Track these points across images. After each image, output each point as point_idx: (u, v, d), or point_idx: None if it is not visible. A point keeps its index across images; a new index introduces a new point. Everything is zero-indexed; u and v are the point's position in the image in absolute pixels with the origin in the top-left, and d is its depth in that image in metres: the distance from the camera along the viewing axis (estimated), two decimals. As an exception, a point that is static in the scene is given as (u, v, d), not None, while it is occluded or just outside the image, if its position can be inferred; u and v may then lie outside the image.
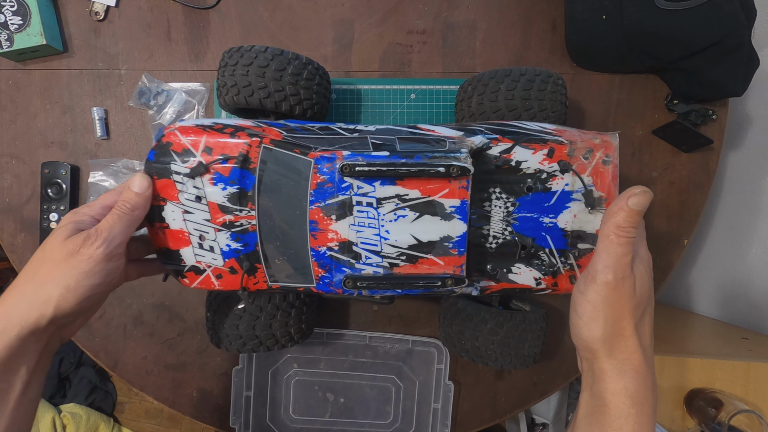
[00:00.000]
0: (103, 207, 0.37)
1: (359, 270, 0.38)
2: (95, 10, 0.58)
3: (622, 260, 0.33)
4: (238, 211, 0.39)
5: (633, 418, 0.32)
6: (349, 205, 0.37)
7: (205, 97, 0.58)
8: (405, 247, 0.38)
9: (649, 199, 0.33)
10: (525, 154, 0.39)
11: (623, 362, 0.34)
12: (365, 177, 0.36)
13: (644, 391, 0.33)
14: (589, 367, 0.35)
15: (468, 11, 0.58)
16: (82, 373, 1.23)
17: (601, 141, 0.39)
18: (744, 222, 0.77)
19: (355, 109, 0.58)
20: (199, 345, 0.60)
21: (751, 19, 0.50)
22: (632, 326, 0.34)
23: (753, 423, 0.58)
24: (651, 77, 0.58)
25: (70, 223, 0.35)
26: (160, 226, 0.39)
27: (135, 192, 0.36)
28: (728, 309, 0.81)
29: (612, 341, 0.34)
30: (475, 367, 0.60)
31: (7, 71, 0.58)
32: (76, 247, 0.34)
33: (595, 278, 0.34)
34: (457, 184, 0.37)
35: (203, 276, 0.40)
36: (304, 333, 0.49)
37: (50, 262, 0.34)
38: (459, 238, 0.38)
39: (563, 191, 0.39)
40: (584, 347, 0.35)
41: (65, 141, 0.59)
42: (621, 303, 0.33)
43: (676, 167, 0.59)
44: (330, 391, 0.60)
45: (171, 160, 0.38)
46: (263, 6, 0.58)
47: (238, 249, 0.39)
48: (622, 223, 0.33)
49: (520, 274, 0.41)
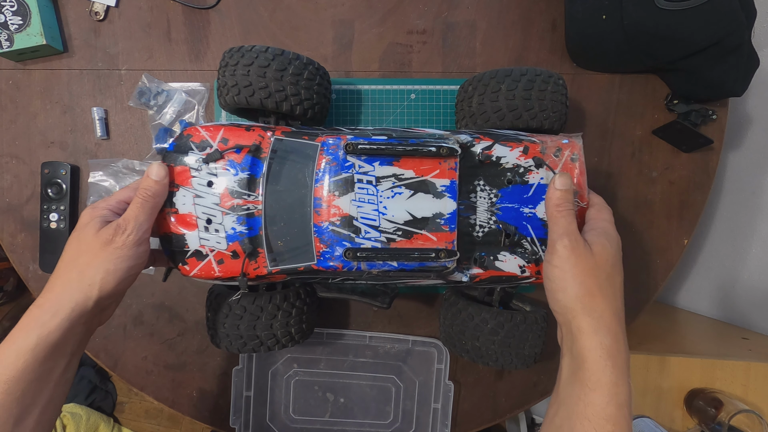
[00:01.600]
0: (119, 201, 0.40)
1: (359, 244, 0.40)
2: (95, 10, 0.58)
3: (569, 228, 0.39)
4: (246, 195, 0.41)
5: (609, 369, 0.35)
6: (351, 182, 0.40)
7: (205, 97, 0.58)
8: (401, 222, 0.41)
9: (569, 178, 0.41)
10: (504, 150, 0.44)
11: (597, 319, 0.37)
12: (367, 155, 0.40)
13: (616, 344, 0.36)
14: (567, 331, 0.38)
15: (468, 11, 0.58)
16: (82, 373, 1.22)
17: (568, 141, 0.45)
18: (744, 222, 0.77)
19: (355, 109, 0.58)
20: (199, 345, 0.60)
21: (751, 19, 0.50)
22: (597, 285, 0.38)
23: (753, 423, 0.58)
24: (651, 77, 0.58)
25: (96, 217, 0.39)
26: (170, 211, 0.41)
27: (154, 180, 0.39)
28: (728, 309, 0.81)
29: (584, 299, 0.37)
30: (475, 367, 0.60)
31: (7, 71, 0.58)
32: (109, 236, 0.37)
33: (554, 246, 0.39)
34: (446, 165, 0.41)
35: (204, 261, 0.42)
36: (304, 333, 0.49)
37: (88, 252, 0.37)
38: (450, 215, 0.42)
39: (539, 184, 0.44)
40: (562, 309, 0.38)
41: (65, 141, 0.59)
42: (582, 263, 0.38)
43: (676, 167, 0.59)
44: (330, 391, 0.60)
45: (189, 149, 0.41)
46: (263, 6, 0.58)
47: (242, 232, 0.41)
48: (556, 201, 0.40)
49: (505, 262, 0.44)
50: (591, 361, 0.36)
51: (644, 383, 0.64)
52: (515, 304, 0.51)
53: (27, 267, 0.59)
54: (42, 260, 0.58)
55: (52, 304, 0.36)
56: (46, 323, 0.35)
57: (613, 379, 0.35)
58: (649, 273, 0.59)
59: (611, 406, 0.34)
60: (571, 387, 0.37)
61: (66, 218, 0.57)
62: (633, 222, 0.59)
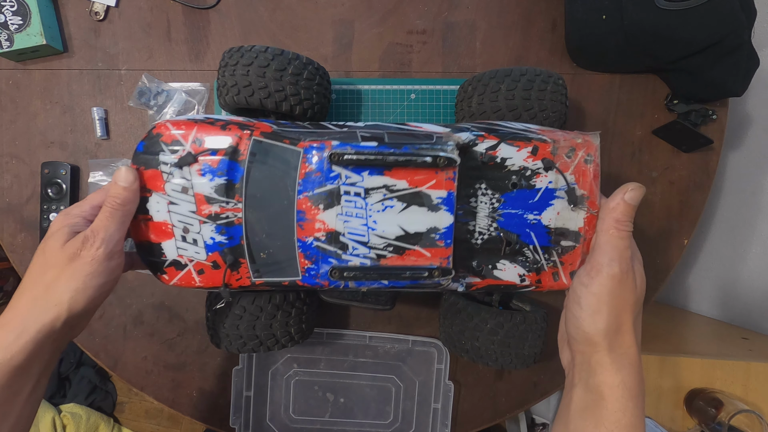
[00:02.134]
0: (92, 207, 0.37)
1: (346, 261, 0.38)
2: (95, 10, 0.58)
3: (624, 254, 0.35)
4: (224, 203, 0.38)
5: (630, 411, 0.33)
6: (336, 194, 0.37)
7: (205, 97, 0.58)
8: (392, 238, 0.38)
9: (642, 194, 0.35)
10: (510, 151, 0.39)
11: (621, 356, 0.34)
12: (354, 166, 0.36)
13: (639, 386, 0.34)
14: (584, 361, 0.36)
15: (468, 11, 0.58)
16: (82, 373, 1.23)
17: (583, 140, 0.40)
18: (744, 222, 0.77)
19: (355, 109, 0.58)
20: (199, 345, 0.60)
21: (751, 19, 0.50)
22: (631, 321, 0.35)
23: (753, 423, 0.58)
24: (651, 77, 0.58)
25: (64, 226, 0.35)
26: (143, 218, 0.38)
27: (122, 186, 0.36)
28: (728, 309, 0.81)
29: (612, 335, 0.34)
30: (475, 367, 0.60)
31: (7, 71, 0.58)
32: (76, 250, 0.34)
33: (600, 271, 0.34)
34: (443, 175, 0.37)
35: (184, 272, 0.39)
36: (304, 333, 0.49)
37: (54, 267, 0.34)
38: (446, 229, 0.38)
39: (547, 188, 0.40)
40: (584, 340, 0.35)
41: (65, 141, 0.59)
42: (624, 297, 0.34)
43: (676, 167, 0.59)
44: (330, 391, 0.60)
45: (160, 150, 0.37)
46: (263, 6, 0.58)
47: (222, 242, 0.39)
48: (620, 217, 0.35)
49: (504, 271, 0.42)
50: (612, 399, 0.34)
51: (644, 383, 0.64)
52: (515, 304, 0.51)
53: (27, 267, 0.59)
54: (42, 260, 0.58)
55: (16, 325, 0.33)
56: (9, 346, 0.32)
57: (633, 421, 0.33)
58: (649, 273, 0.59)
59: None
60: (584, 422, 0.34)
61: (66, 218, 0.57)
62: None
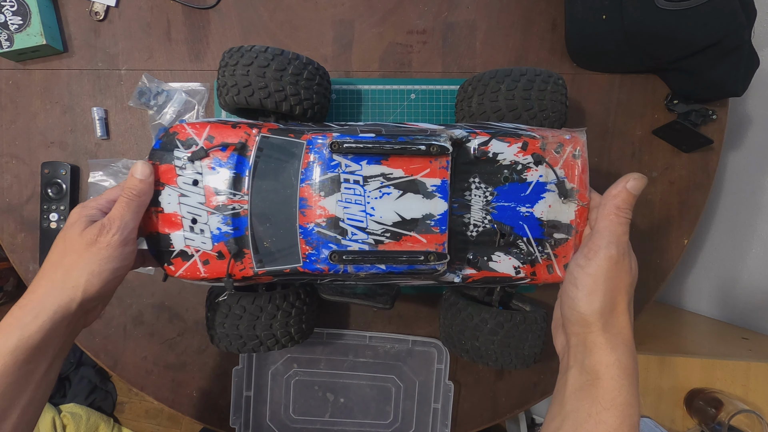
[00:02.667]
0: (108, 201, 0.40)
1: (345, 246, 0.39)
2: (95, 10, 0.58)
3: (622, 238, 0.36)
4: (231, 195, 0.41)
5: (626, 389, 0.34)
6: (337, 181, 0.39)
7: (205, 97, 0.58)
8: (389, 223, 0.40)
9: (644, 184, 0.37)
10: (501, 146, 0.42)
11: (616, 336, 0.35)
12: (353, 155, 0.39)
13: (633, 365, 0.35)
14: (579, 342, 0.37)
15: (468, 11, 0.58)
16: (82, 373, 1.23)
17: (570, 137, 0.42)
18: (744, 222, 0.77)
19: (355, 109, 0.58)
20: (199, 345, 0.60)
21: (751, 19, 0.50)
22: (626, 302, 0.36)
23: (753, 423, 0.58)
24: (651, 77, 0.58)
25: (83, 217, 0.38)
26: (155, 210, 0.41)
27: (139, 179, 0.39)
28: (728, 309, 0.81)
29: (607, 315, 0.36)
30: (475, 367, 0.60)
31: (7, 71, 0.58)
32: (93, 236, 0.36)
33: (598, 252, 0.36)
34: (437, 164, 0.40)
35: (190, 262, 0.41)
36: (304, 333, 0.49)
37: (72, 252, 0.36)
38: (440, 216, 0.40)
39: (538, 182, 0.42)
40: (580, 320, 0.37)
41: (65, 141, 0.59)
42: (619, 278, 0.36)
43: (676, 167, 0.59)
44: (330, 391, 0.60)
45: (175, 146, 0.41)
46: (263, 6, 0.58)
47: (228, 232, 0.41)
48: (621, 204, 0.37)
49: (499, 263, 0.43)
50: (607, 378, 0.34)
51: (644, 383, 0.64)
52: (515, 304, 0.51)
53: (27, 267, 0.59)
54: (42, 260, 0.58)
55: (35, 306, 0.35)
56: (27, 325, 0.34)
57: (628, 400, 0.34)
58: (649, 273, 0.59)
59: (624, 427, 0.33)
60: (580, 402, 0.35)
61: (66, 218, 0.57)
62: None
